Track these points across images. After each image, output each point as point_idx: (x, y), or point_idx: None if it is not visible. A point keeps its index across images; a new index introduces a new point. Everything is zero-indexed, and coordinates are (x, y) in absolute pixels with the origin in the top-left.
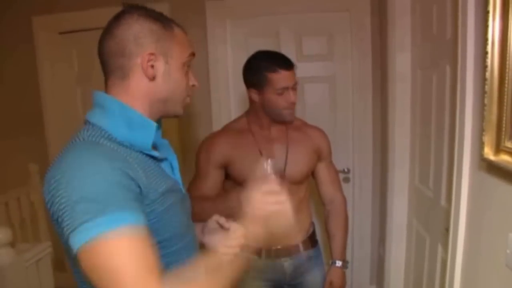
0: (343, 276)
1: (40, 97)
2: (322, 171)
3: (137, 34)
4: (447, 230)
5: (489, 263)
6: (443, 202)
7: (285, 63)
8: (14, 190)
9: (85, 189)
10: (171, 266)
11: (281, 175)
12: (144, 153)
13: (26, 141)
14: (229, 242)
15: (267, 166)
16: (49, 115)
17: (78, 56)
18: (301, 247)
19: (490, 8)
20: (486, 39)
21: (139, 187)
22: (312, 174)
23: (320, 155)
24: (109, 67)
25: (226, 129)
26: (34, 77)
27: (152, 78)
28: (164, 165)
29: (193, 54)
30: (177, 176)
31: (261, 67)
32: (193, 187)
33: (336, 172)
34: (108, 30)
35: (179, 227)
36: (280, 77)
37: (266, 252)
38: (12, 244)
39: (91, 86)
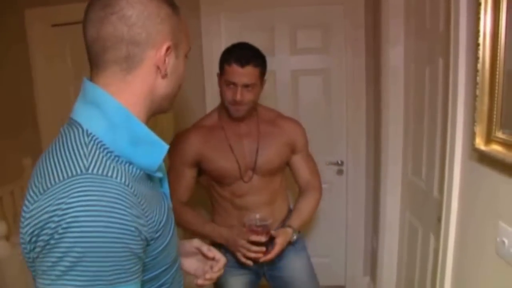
0: (286, 240)
1: (33, 91)
2: (299, 163)
3: (155, 18)
4: (439, 220)
5: (480, 251)
6: (435, 192)
7: (241, 60)
8: (8, 184)
9: (91, 255)
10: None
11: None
12: (142, 170)
13: (19, 135)
14: (211, 274)
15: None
16: (42, 109)
17: (72, 49)
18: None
19: (482, 1)
20: (478, 31)
21: (148, 236)
22: (289, 166)
23: (294, 148)
24: (109, 55)
25: (197, 126)
26: (27, 70)
27: (165, 75)
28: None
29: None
30: (166, 187)
31: (224, 56)
32: (174, 192)
33: (314, 163)
34: (112, 7)
35: (171, 259)
36: (230, 70)
37: None
38: (7, 237)
39: None
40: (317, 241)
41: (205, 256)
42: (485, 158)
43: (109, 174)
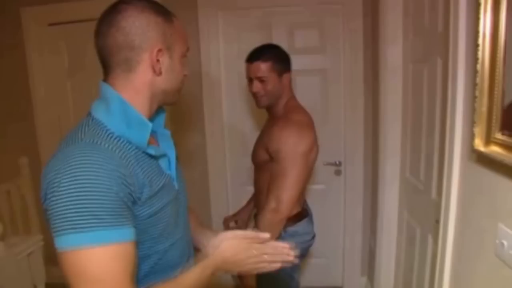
0: None
1: (30, 90)
2: (271, 169)
3: (145, 27)
4: (437, 221)
5: (478, 253)
6: (433, 194)
7: (251, 57)
8: (4, 183)
9: (80, 197)
10: (158, 265)
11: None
12: (139, 149)
13: (16, 134)
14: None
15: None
16: (39, 108)
17: (68, 48)
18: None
19: (482, 1)
20: (477, 32)
21: (133, 192)
22: None
23: (268, 151)
24: (113, 60)
25: None
26: (23, 69)
27: (159, 73)
28: (161, 161)
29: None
30: (173, 170)
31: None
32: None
33: (277, 176)
34: (111, 22)
35: (168, 226)
36: (246, 68)
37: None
38: (2, 238)
39: (81, 79)
40: (314, 241)
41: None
42: (484, 160)
43: (99, 142)
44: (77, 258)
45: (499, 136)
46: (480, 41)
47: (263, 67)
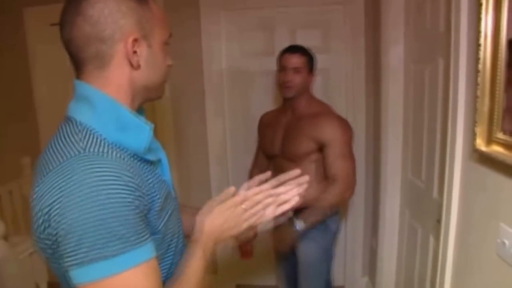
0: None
1: (32, 90)
2: (327, 157)
3: (115, 14)
4: (438, 221)
5: (480, 252)
6: (435, 194)
7: (291, 48)
8: (6, 184)
9: (100, 216)
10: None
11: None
12: (136, 157)
13: (18, 134)
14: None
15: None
16: (41, 108)
17: None
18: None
19: (483, 1)
20: (479, 32)
21: (147, 203)
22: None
23: (321, 143)
24: (83, 54)
25: (270, 111)
26: (26, 69)
27: (138, 67)
28: (157, 166)
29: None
30: (167, 176)
31: (280, 53)
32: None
33: (346, 161)
34: (76, 10)
35: (173, 238)
36: (283, 58)
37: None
38: (5, 237)
39: None
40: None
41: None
42: (485, 159)
43: (104, 152)
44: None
45: (500, 135)
46: (481, 41)
47: (302, 59)
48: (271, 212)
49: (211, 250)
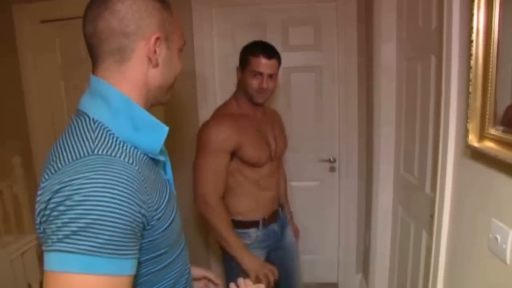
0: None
1: (22, 89)
2: None
3: (143, 12)
4: (431, 216)
5: (472, 247)
6: (427, 189)
7: (267, 52)
8: None
9: (91, 215)
10: (167, 277)
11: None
12: (147, 156)
13: (8, 133)
14: None
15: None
16: (32, 107)
17: (61, 46)
18: (279, 211)
19: None
20: (471, 28)
21: (147, 217)
22: None
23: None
24: (104, 47)
25: (225, 114)
26: (16, 68)
27: (156, 65)
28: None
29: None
30: (169, 174)
31: (248, 50)
32: (214, 187)
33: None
34: (106, 5)
35: (174, 239)
36: (258, 62)
37: (262, 221)
38: None
39: (75, 77)
40: (309, 238)
41: (212, 282)
42: (478, 155)
43: (114, 154)
44: (68, 283)
45: (493, 131)
46: (473, 37)
47: (277, 64)
48: None
49: None
